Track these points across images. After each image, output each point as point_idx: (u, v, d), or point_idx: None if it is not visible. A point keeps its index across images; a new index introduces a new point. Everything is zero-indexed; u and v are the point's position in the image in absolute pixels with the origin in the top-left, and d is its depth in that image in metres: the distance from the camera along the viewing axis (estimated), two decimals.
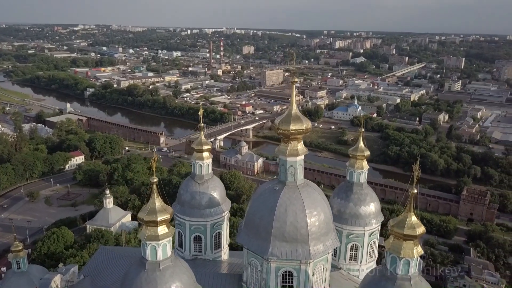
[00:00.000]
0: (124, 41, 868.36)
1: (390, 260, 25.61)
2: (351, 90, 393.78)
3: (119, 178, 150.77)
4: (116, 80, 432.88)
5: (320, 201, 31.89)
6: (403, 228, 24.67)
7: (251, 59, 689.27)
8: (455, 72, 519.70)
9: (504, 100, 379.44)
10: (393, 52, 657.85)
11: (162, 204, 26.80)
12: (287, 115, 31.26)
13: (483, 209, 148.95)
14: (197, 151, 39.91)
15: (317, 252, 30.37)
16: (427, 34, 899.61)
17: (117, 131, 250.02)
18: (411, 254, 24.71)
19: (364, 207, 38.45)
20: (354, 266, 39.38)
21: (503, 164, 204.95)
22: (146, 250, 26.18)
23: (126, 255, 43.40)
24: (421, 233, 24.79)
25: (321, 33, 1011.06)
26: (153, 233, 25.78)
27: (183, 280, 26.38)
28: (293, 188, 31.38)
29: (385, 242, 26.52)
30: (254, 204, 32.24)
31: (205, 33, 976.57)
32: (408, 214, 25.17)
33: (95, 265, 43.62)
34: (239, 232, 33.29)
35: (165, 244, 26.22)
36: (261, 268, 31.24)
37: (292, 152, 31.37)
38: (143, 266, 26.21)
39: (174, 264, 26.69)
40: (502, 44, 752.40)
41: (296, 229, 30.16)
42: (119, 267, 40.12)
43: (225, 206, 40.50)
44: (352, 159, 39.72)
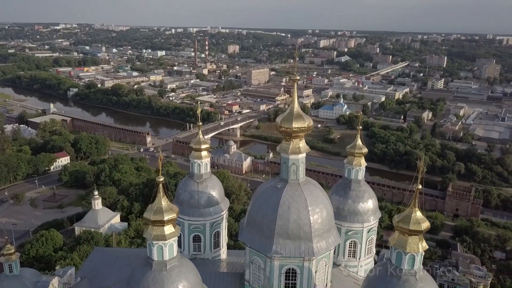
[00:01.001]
0: (107, 40, 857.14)
1: (395, 256, 25.92)
2: (337, 89, 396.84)
3: (106, 179, 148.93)
4: (100, 79, 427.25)
5: (322, 198, 32.10)
6: (408, 223, 25.02)
7: (236, 58, 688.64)
8: (438, 71, 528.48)
9: (485, 98, 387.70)
10: (377, 51, 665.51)
11: (168, 203, 26.58)
12: (289, 113, 31.35)
13: (468, 205, 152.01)
14: (195, 150, 39.70)
15: (320, 249, 30.57)
16: (409, 33, 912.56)
17: (102, 131, 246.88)
18: (417, 249, 25.08)
19: (362, 204, 38.83)
20: (353, 263, 39.74)
21: (485, 160, 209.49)
22: (152, 250, 25.93)
23: (123, 256, 42.91)
24: (426, 228, 25.21)
25: (306, 32, 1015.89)
26: (160, 233, 25.54)
27: (190, 279, 26.25)
28: (295, 186, 31.50)
29: (389, 238, 26.84)
30: (256, 203, 32.24)
31: (190, 32, 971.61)
32: (413, 209, 25.53)
33: (92, 266, 42.99)
34: (241, 230, 33.24)
35: (171, 243, 26.03)
36: (264, 266, 31.28)
37: (295, 150, 31.50)
38: (149, 266, 25.96)
39: (181, 264, 26.52)
40: (482, 43, 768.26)
41: (299, 226, 30.29)
42: (117, 268, 39.67)
43: (224, 205, 40.41)
44: (350, 157, 40.05)
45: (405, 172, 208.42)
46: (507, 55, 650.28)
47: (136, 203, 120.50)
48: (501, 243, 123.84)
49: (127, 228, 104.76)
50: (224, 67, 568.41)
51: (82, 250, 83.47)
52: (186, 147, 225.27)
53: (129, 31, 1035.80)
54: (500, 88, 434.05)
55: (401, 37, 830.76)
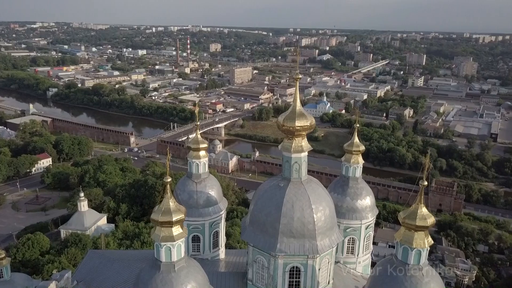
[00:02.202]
0: (86, 39, 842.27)
1: (401, 251, 26.29)
2: (319, 87, 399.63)
3: (91, 180, 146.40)
4: (80, 79, 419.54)
5: (324, 196, 32.33)
6: (415, 219, 25.44)
7: (218, 57, 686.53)
8: (417, 69, 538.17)
9: (464, 95, 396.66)
10: (358, 49, 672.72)
11: (176, 204, 26.30)
12: (291, 112, 31.43)
13: (451, 200, 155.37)
14: (193, 150, 39.40)
15: (323, 246, 30.78)
16: (389, 31, 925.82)
17: (84, 132, 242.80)
18: (423, 245, 25.50)
19: (360, 201, 39.24)
20: (351, 259, 40.12)
21: (466, 156, 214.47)
22: (160, 252, 25.59)
23: (119, 258, 42.27)
24: (431, 223, 25.67)
25: (287, 31, 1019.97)
26: (168, 234, 25.24)
27: (198, 280, 26.07)
28: (298, 184, 31.61)
29: (395, 234, 27.23)
30: (259, 202, 32.20)
31: (171, 31, 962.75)
32: (419, 205, 25.97)
33: (87, 269, 42.21)
34: (244, 230, 33.16)
35: (179, 244, 25.77)
36: (268, 265, 31.30)
37: (297, 149, 31.61)
38: (157, 267, 25.64)
39: (188, 265, 26.29)
40: (459, 41, 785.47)
41: (303, 224, 30.43)
42: (115, 271, 39.09)
43: (223, 204, 40.25)
44: (347, 154, 40.41)
45: (389, 168, 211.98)
46: (483, 53, 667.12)
47: (122, 204, 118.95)
48: (483, 236, 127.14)
49: (115, 230, 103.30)
50: (206, 66, 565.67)
51: (70, 253, 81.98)
52: (170, 147, 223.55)
53: (109, 30, 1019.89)
54: (477, 85, 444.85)
55: (381, 35, 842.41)
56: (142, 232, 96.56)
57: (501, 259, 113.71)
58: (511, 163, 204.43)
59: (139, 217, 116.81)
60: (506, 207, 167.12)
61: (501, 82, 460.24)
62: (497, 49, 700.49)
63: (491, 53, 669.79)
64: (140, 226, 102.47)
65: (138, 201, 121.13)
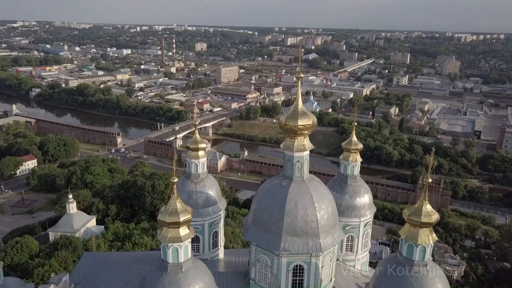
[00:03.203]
0: (69, 39, 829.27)
1: (406, 248, 26.60)
2: (306, 86, 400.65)
3: (78, 181, 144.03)
4: (64, 79, 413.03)
5: (326, 194, 32.48)
6: (420, 216, 25.74)
7: (204, 56, 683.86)
8: (402, 67, 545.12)
9: (448, 93, 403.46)
10: (343, 49, 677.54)
11: (183, 204, 26.05)
12: (294, 111, 31.45)
13: (438, 196, 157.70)
14: (192, 150, 39.17)
15: (327, 244, 30.93)
16: (373, 31, 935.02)
17: (70, 132, 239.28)
18: (427, 241, 25.83)
19: (359, 198, 39.52)
20: (350, 257, 40.41)
21: (451, 153, 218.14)
22: (167, 253, 25.32)
23: (117, 260, 41.71)
24: (436, 220, 26.01)
25: (273, 30, 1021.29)
26: (175, 235, 24.99)
27: (205, 280, 25.91)
28: (301, 183, 31.68)
29: (400, 231, 27.54)
30: (262, 201, 32.16)
31: (155, 30, 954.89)
32: (423, 202, 26.26)
33: (84, 272, 41.56)
34: (247, 229, 33.08)
35: (186, 245, 25.56)
36: (271, 264, 31.31)
37: (299, 148, 31.64)
38: (164, 269, 25.36)
39: (195, 265, 26.10)
40: (442, 40, 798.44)
41: (307, 223, 30.52)
42: (114, 273, 38.57)
43: (222, 204, 40.12)
44: (345, 153, 40.61)
45: (376, 166, 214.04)
46: (465, 52, 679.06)
47: (112, 206, 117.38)
48: (470, 232, 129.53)
49: (105, 231, 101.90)
50: (192, 65, 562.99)
51: (60, 256, 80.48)
52: (158, 147, 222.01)
53: (92, 29, 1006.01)
54: (460, 83, 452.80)
55: (365, 34, 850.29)
56: (133, 234, 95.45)
57: (488, 254, 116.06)
58: (494, 160, 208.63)
59: (129, 218, 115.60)
60: (491, 203, 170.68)
61: (483, 80, 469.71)
62: (479, 48, 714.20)
63: (473, 52, 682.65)
64: (130, 228, 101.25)
65: (128, 202, 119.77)
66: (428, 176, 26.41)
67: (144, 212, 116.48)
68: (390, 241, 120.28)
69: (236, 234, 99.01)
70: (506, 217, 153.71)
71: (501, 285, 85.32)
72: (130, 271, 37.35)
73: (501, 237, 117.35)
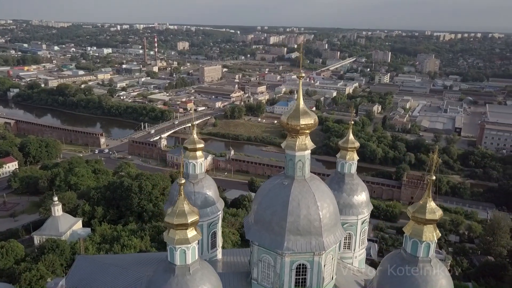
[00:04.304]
0: (48, 38, 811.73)
1: (411, 245, 26.95)
2: (289, 85, 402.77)
3: (62, 183, 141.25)
4: (43, 79, 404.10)
5: (328, 193, 32.64)
6: (424, 213, 26.13)
7: (186, 55, 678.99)
8: (383, 66, 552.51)
9: (428, 91, 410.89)
10: (325, 47, 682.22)
11: (190, 205, 25.77)
12: (295, 110, 31.46)
13: (422, 193, 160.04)
14: (190, 150, 38.74)
15: (329, 243, 31.09)
16: (354, 29, 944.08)
17: (51, 133, 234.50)
18: (432, 237, 26.25)
19: (356, 196, 39.83)
20: (348, 254, 40.73)
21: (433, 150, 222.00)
22: (174, 255, 24.99)
23: (114, 263, 40.95)
24: (440, 216, 26.45)
25: (255, 29, 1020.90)
26: (183, 237, 24.71)
27: (213, 281, 25.73)
28: (302, 182, 31.74)
29: (404, 228, 27.90)
30: (263, 200, 32.10)
31: (136, 29, 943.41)
32: (427, 199, 26.65)
33: (79, 276, 40.70)
34: (248, 229, 32.95)
35: (194, 247, 25.31)
36: (274, 263, 31.30)
37: (301, 147, 31.69)
38: (171, 271, 25.03)
39: (202, 267, 25.90)
40: (421, 39, 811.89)
41: (310, 222, 30.61)
42: (112, 276, 37.89)
43: (220, 204, 39.88)
44: (342, 151, 40.88)
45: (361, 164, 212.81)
46: (444, 50, 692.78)
47: (98, 207, 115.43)
48: (454, 227, 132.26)
49: (92, 234, 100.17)
50: (175, 64, 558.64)
51: (48, 260, 78.78)
52: (142, 147, 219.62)
53: (71, 28, 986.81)
54: (440, 81, 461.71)
55: (347, 33, 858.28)
56: (121, 235, 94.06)
57: (472, 248, 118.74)
58: (475, 156, 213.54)
59: (116, 220, 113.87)
60: (473, 198, 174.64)
61: (462, 78, 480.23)
62: (457, 46, 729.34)
63: (452, 50, 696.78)
64: (118, 229, 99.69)
65: (115, 203, 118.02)
66: (432, 174, 26.81)
67: (131, 213, 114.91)
68: (377, 237, 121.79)
69: (225, 234, 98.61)
70: (488, 211, 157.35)
71: (487, 278, 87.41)
72: (129, 274, 36.79)
73: (485, 231, 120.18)
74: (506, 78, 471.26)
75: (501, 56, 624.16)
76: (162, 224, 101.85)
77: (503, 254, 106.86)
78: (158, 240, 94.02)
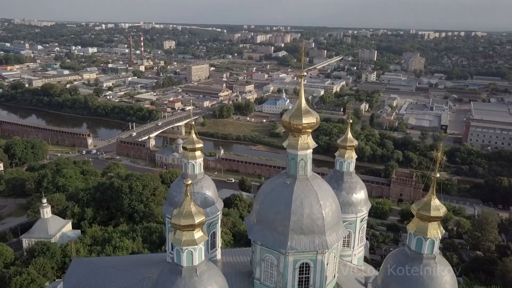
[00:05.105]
0: (31, 37, 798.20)
1: (415, 242, 27.17)
2: (277, 84, 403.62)
3: (49, 185, 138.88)
4: (27, 79, 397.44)
5: (330, 192, 32.69)
6: (429, 210, 26.35)
7: (173, 54, 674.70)
8: (370, 64, 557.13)
9: (414, 89, 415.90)
10: (312, 46, 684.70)
11: (197, 206, 25.53)
12: (297, 109, 31.40)
13: (411, 190, 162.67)
14: (189, 150, 38.37)
15: (332, 241, 31.14)
16: (341, 28, 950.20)
17: (37, 134, 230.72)
18: (436, 234, 26.51)
19: (355, 194, 39.94)
20: (347, 252, 40.80)
21: (420, 147, 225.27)
22: (181, 256, 24.71)
23: (110, 265, 40.43)
24: (444, 213, 26.72)
25: (241, 28, 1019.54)
26: (190, 238, 24.45)
27: (219, 282, 25.55)
28: (305, 181, 31.72)
29: (408, 226, 28.11)
30: (266, 200, 31.97)
31: (122, 28, 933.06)
32: (431, 197, 26.88)
33: (76, 279, 39.99)
34: (251, 229, 32.77)
35: (200, 248, 25.08)
36: (277, 263, 31.22)
37: (303, 146, 31.65)
38: (178, 272, 24.74)
39: (209, 268, 25.70)
40: (406, 37, 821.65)
41: (313, 221, 30.60)
42: (111, 278, 37.31)
43: (219, 204, 39.62)
44: (341, 150, 40.93)
45: None
46: (429, 48, 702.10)
47: (88, 209, 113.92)
48: (443, 223, 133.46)
49: (83, 236, 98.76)
50: (161, 63, 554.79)
51: (38, 263, 77.37)
52: (131, 148, 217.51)
53: (55, 27, 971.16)
54: (426, 79, 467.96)
55: (333, 32, 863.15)
56: (112, 237, 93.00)
57: (461, 243, 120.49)
58: (461, 153, 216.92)
59: (107, 221, 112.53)
60: (460, 194, 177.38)
61: (447, 76, 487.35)
62: (441, 45, 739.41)
63: (436, 49, 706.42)
64: (109, 231, 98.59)
65: (105, 204, 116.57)
66: (437, 171, 27.03)
67: (122, 214, 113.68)
68: (368, 234, 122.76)
69: None
70: (475, 207, 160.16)
71: (477, 273, 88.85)
72: (130, 276, 36.30)
73: (473, 227, 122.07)
74: (489, 76, 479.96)
75: (484, 54, 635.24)
76: (153, 224, 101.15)
77: (491, 249, 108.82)
78: (150, 241, 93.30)
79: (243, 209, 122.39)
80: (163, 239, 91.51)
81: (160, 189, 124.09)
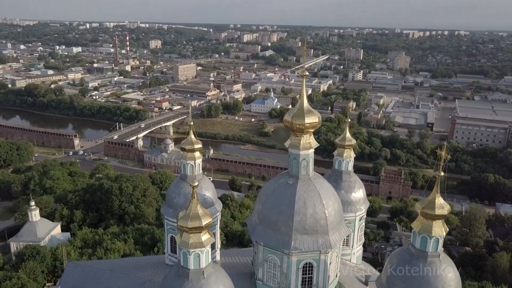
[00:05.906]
0: (13, 36, 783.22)
1: (420, 240, 27.31)
2: (265, 83, 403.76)
3: (37, 187, 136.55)
4: (10, 79, 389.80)
5: (332, 191, 32.70)
6: (433, 209, 26.50)
7: (159, 53, 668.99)
8: (356, 63, 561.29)
9: (400, 87, 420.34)
10: (299, 45, 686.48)
11: (203, 208, 25.22)
12: (299, 109, 31.26)
13: (400, 187, 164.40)
14: (188, 151, 37.98)
15: (335, 240, 31.15)
16: (326, 27, 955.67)
17: (21, 136, 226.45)
18: (441, 232, 26.68)
19: (354, 193, 40.13)
20: (346, 251, 40.85)
21: (407, 145, 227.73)
22: (188, 259, 24.32)
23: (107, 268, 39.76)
24: (448, 211, 26.94)
25: (228, 27, 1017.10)
26: (197, 240, 24.10)
27: (226, 284, 25.29)
28: (307, 181, 31.66)
29: (412, 224, 28.27)
30: (268, 200, 31.81)
31: (107, 27, 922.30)
32: (435, 195, 27.05)
33: (72, 283, 39.26)
34: (253, 230, 32.56)
35: (207, 250, 24.76)
36: (280, 263, 31.10)
37: (305, 146, 31.57)
38: (184, 275, 24.36)
39: (215, 270, 25.40)
40: (392, 36, 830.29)
41: (316, 220, 30.56)
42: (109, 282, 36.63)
43: (218, 205, 39.34)
44: (340, 149, 41.07)
45: None
46: (414, 47, 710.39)
47: (77, 211, 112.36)
48: None
49: (73, 239, 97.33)
50: (148, 63, 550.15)
51: (28, 267, 75.99)
52: (119, 148, 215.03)
53: (38, 26, 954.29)
54: (411, 78, 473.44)
55: (319, 31, 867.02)
56: (103, 239, 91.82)
57: (450, 239, 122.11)
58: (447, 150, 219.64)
59: (96, 223, 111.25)
60: (447, 191, 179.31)
61: (432, 74, 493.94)
62: (426, 43, 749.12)
63: (421, 48, 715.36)
64: (99, 233, 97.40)
65: (94, 206, 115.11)
66: (440, 170, 27.18)
67: (112, 216, 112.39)
68: None
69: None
70: (462, 204, 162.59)
71: (467, 268, 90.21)
72: (130, 279, 35.74)
73: (461, 223, 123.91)
74: (473, 74, 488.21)
75: (467, 53, 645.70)
76: (145, 226, 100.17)
77: (480, 244, 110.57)
78: (142, 242, 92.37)
79: (234, 209, 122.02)
80: (155, 241, 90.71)
81: (150, 190, 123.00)
